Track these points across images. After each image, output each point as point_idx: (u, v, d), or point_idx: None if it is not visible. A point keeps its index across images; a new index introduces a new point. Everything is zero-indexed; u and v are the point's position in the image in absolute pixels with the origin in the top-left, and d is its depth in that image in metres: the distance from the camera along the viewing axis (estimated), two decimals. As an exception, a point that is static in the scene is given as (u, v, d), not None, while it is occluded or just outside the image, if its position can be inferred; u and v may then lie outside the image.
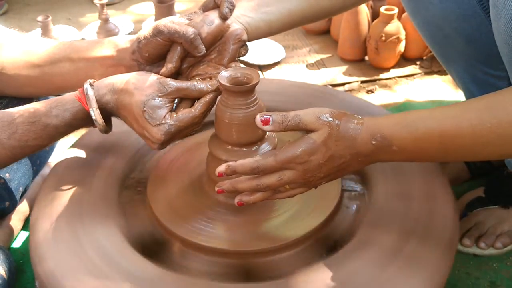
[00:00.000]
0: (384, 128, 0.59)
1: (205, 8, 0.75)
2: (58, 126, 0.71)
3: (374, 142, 0.59)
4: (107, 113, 0.73)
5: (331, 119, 0.61)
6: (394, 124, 0.60)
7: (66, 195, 0.76)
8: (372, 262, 0.65)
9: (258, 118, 0.62)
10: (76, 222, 0.72)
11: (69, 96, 0.73)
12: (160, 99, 0.69)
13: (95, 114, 0.70)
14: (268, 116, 0.61)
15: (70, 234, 0.70)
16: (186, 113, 0.70)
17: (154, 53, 0.74)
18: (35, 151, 0.74)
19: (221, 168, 0.64)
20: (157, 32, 0.71)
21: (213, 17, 0.73)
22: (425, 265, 0.64)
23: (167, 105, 0.70)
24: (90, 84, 0.72)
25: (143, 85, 0.70)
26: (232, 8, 0.73)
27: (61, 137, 0.75)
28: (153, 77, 0.71)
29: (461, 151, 0.58)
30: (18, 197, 0.88)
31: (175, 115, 0.69)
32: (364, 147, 0.60)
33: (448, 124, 0.57)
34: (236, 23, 0.76)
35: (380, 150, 0.60)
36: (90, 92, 0.70)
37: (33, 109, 0.71)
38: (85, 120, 0.73)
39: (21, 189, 0.88)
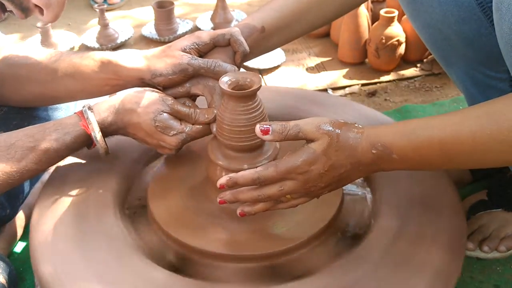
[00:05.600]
0: (384, 137, 0.59)
1: (216, 43, 0.78)
2: (58, 150, 0.72)
3: (374, 151, 0.59)
4: (107, 134, 0.75)
5: (331, 128, 0.60)
6: (395, 132, 0.60)
7: (66, 198, 0.76)
8: (378, 268, 0.64)
9: (257, 128, 0.62)
10: (76, 225, 0.72)
11: (68, 119, 0.74)
12: (165, 113, 0.73)
13: (98, 137, 0.73)
14: (267, 126, 0.62)
15: (71, 237, 0.70)
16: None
17: (169, 86, 0.77)
18: (33, 176, 0.75)
19: (222, 180, 0.64)
20: (180, 70, 0.74)
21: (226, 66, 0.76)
22: (432, 270, 0.64)
23: (173, 117, 0.74)
24: (89, 108, 0.73)
25: (146, 102, 0.73)
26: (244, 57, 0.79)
27: (60, 160, 0.76)
28: (153, 94, 0.74)
29: (462, 159, 0.58)
30: (18, 204, 0.88)
31: (189, 126, 0.74)
32: (364, 156, 0.60)
33: (448, 131, 0.57)
34: None
35: (381, 159, 0.60)
36: (91, 116, 0.72)
37: (32, 133, 0.72)
38: (85, 142, 0.75)
39: (21, 196, 0.88)
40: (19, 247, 0.91)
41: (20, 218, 0.92)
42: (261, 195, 0.63)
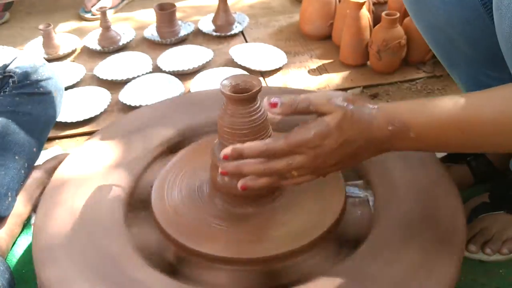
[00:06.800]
0: (402, 114, 0.57)
1: None
2: None
3: (390, 128, 0.57)
4: None
5: (344, 102, 0.58)
6: (413, 110, 0.57)
7: (69, 201, 0.76)
8: (376, 270, 0.64)
9: (266, 101, 0.60)
10: (79, 229, 0.71)
11: None
12: None
13: None
14: (276, 99, 0.59)
15: (75, 240, 0.69)
16: None
17: None
18: None
19: (227, 150, 0.61)
20: None
21: None
22: (432, 271, 0.63)
23: None
24: None
25: None
26: None
27: None
28: None
29: (481, 141, 0.56)
30: (7, 203, 0.88)
31: None
32: (380, 133, 0.57)
33: (470, 111, 0.55)
34: None
35: (397, 136, 0.57)
36: None
37: None
38: None
39: (10, 194, 0.88)
40: (21, 247, 0.91)
41: (15, 215, 0.91)
42: (267, 169, 0.60)
